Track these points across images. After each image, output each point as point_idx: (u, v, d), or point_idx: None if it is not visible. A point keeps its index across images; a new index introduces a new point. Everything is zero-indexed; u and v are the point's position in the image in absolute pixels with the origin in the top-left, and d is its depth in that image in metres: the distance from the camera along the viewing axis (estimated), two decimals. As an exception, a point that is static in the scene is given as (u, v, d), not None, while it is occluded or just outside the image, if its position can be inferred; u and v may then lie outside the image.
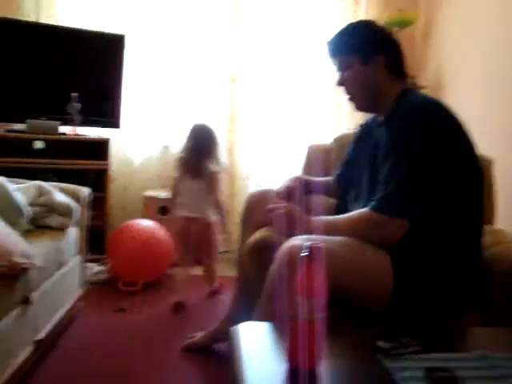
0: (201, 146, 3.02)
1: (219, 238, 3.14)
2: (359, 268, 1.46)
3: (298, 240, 1.47)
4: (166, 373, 2.17)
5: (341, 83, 1.73)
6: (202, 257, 3.10)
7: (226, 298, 2.64)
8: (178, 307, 2.89)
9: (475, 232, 1.60)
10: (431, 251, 1.52)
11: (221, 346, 2.31)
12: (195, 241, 3.00)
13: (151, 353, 2.34)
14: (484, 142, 1.70)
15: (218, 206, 3.06)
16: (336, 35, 1.72)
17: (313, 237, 1.48)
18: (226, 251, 3.78)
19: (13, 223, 2.02)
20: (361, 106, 1.76)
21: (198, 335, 2.33)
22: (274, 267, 1.47)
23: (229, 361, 1.17)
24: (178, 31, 3.89)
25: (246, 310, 2.03)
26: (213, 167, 3.00)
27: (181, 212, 3.03)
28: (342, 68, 1.70)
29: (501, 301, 1.58)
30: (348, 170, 1.93)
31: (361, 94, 1.70)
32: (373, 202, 1.53)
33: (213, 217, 3.05)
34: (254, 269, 1.78)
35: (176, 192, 3.10)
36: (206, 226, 3.02)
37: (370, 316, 1.43)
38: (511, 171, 2.65)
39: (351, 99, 1.74)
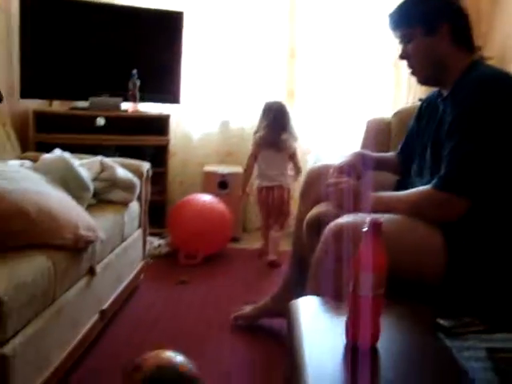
0: (278, 121, 3.33)
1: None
2: (411, 244, 1.44)
3: (344, 218, 1.47)
4: (222, 346, 2.21)
5: (404, 56, 1.68)
6: (281, 220, 3.43)
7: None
8: (273, 264, 3.22)
9: None
10: (489, 229, 1.48)
11: (267, 322, 2.33)
12: (276, 207, 3.38)
13: (209, 325, 2.38)
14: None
15: (300, 173, 3.42)
16: (398, 6, 1.67)
17: (362, 215, 1.46)
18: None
19: (78, 197, 2.09)
20: (425, 79, 1.71)
21: (247, 308, 2.36)
22: (320, 245, 1.48)
23: (283, 336, 1.18)
24: (236, 7, 3.86)
25: (300, 284, 2.06)
26: (290, 140, 3.36)
27: (262, 182, 3.41)
28: (405, 40, 1.65)
29: None
30: (411, 144, 1.89)
31: (425, 66, 1.65)
32: (436, 180, 1.50)
33: (290, 184, 3.44)
34: (311, 244, 1.77)
35: (252, 165, 3.45)
36: (287, 193, 3.40)
37: (427, 290, 1.40)
38: None
39: (414, 72, 1.69)
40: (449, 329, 1.10)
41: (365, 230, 1.01)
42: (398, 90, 3.94)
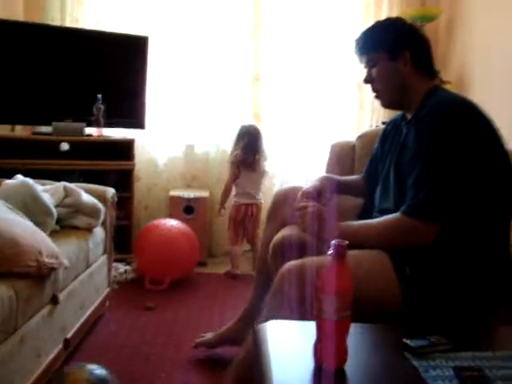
0: (254, 143, 3.56)
1: None
2: (363, 277, 1.43)
3: (297, 262, 1.49)
4: (191, 371, 2.18)
5: (368, 80, 1.73)
6: (254, 236, 3.63)
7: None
8: (234, 276, 3.52)
9: (503, 228, 1.57)
10: (457, 247, 1.50)
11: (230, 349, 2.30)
12: (252, 223, 3.59)
13: (177, 351, 2.35)
14: (509, 137, 1.68)
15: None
16: (364, 32, 1.73)
17: (312, 259, 1.47)
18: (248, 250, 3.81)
19: (41, 223, 2.06)
20: (388, 103, 1.76)
21: (209, 334, 2.33)
22: (276, 282, 1.49)
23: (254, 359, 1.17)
24: (201, 32, 3.91)
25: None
26: (263, 160, 3.61)
27: (241, 200, 3.60)
28: (370, 65, 1.71)
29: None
30: (375, 167, 1.92)
31: (388, 89, 1.70)
32: (404, 207, 1.51)
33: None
34: (277, 267, 1.78)
35: (231, 184, 3.63)
36: (259, 210, 3.61)
37: (389, 317, 1.41)
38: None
39: (378, 96, 1.74)
40: (415, 349, 1.10)
41: (329, 252, 1.01)
42: (361, 113, 4.02)
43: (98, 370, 1.78)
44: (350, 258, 1.42)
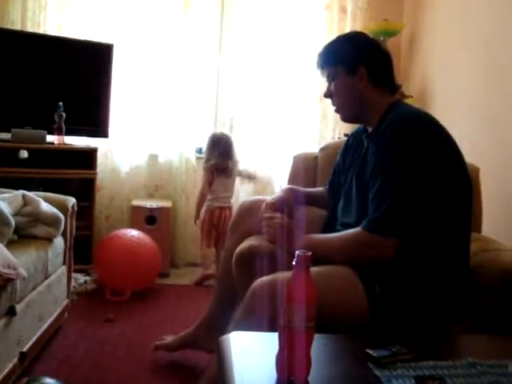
0: (228, 150, 3.67)
1: None
2: (330, 292, 1.43)
3: (267, 278, 1.48)
4: (153, 383, 2.15)
5: (328, 94, 1.75)
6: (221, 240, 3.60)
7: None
8: (204, 280, 3.59)
9: (463, 241, 1.60)
10: (418, 262, 1.52)
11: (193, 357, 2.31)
12: (224, 225, 3.60)
13: (138, 363, 2.31)
14: (469, 151, 1.72)
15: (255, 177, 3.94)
16: (325, 46, 1.75)
17: (284, 274, 1.46)
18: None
19: (-3, 233, 2.00)
20: (347, 117, 1.78)
21: (169, 338, 2.31)
22: (245, 300, 1.48)
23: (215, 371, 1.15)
24: (166, 40, 3.90)
25: (225, 316, 2.03)
26: (235, 166, 3.74)
27: (214, 204, 3.66)
28: (330, 79, 1.72)
29: (488, 308, 1.58)
30: (337, 180, 1.94)
31: (346, 104, 1.72)
32: (364, 222, 1.53)
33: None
34: (240, 277, 1.77)
35: (207, 191, 3.69)
36: (231, 214, 3.60)
37: (354, 328, 1.42)
38: (497, 179, 2.68)
39: (338, 110, 1.76)
40: (378, 359, 1.11)
41: (294, 263, 1.01)
42: (323, 125, 4.06)
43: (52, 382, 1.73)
44: (319, 274, 1.44)
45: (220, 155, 3.64)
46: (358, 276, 1.50)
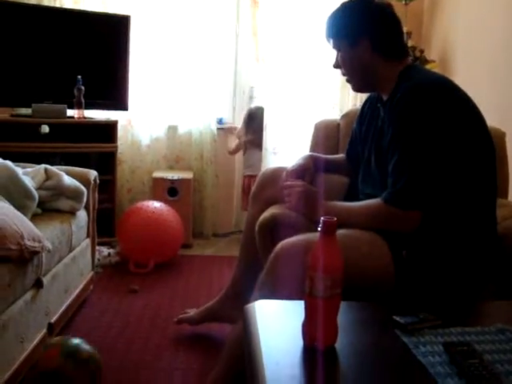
0: (261, 126, 3.83)
1: None
2: (357, 258, 1.42)
3: (290, 240, 1.47)
4: (177, 352, 2.18)
5: (336, 65, 1.71)
6: None
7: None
8: None
9: (489, 207, 1.57)
10: (444, 230, 1.50)
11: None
12: None
13: (162, 333, 2.34)
14: (494, 115, 1.67)
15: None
16: (328, 18, 1.69)
17: (306, 235, 1.46)
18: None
19: (22, 207, 2.02)
20: (357, 87, 1.74)
21: (192, 311, 2.32)
22: (271, 260, 1.47)
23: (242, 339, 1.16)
24: (184, 11, 3.85)
25: (249, 286, 2.05)
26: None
27: (247, 172, 3.84)
28: (336, 49, 1.68)
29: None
30: (355, 148, 1.91)
31: (354, 75, 1.68)
32: (385, 194, 1.50)
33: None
34: (264, 246, 1.76)
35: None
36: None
37: (380, 296, 1.41)
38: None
39: (348, 80, 1.72)
40: (405, 325, 1.10)
41: (319, 229, 1.00)
42: (344, 92, 4.00)
43: (73, 340, 1.76)
44: (345, 237, 1.43)
45: (256, 131, 3.82)
46: (385, 241, 1.48)
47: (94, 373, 1.70)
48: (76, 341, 1.74)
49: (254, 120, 3.83)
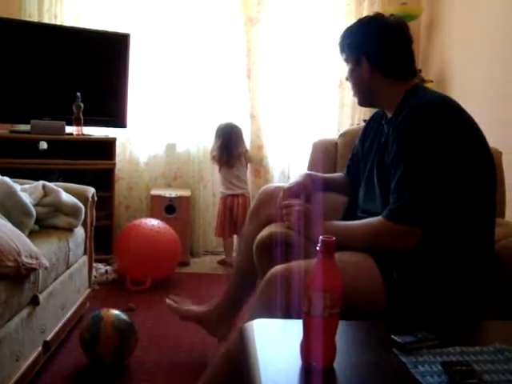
0: (226, 143, 3.67)
1: None
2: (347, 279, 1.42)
3: (282, 266, 1.47)
4: (174, 371, 2.16)
5: (347, 78, 1.74)
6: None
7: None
8: (224, 264, 3.72)
9: (488, 227, 1.57)
10: (441, 248, 1.50)
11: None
12: (237, 213, 3.68)
13: (160, 352, 2.32)
14: (491, 135, 1.68)
15: (251, 160, 3.97)
16: (344, 31, 1.72)
17: (299, 262, 1.46)
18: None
19: (19, 223, 2.01)
20: (361, 102, 1.77)
21: (183, 303, 2.32)
22: (261, 287, 1.47)
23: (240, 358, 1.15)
24: (183, 29, 3.88)
25: (238, 307, 2.11)
26: (243, 151, 3.77)
27: (226, 191, 3.72)
28: (346, 64, 1.71)
29: (512, 294, 1.56)
30: (357, 165, 1.91)
31: (357, 92, 1.71)
32: (387, 211, 1.50)
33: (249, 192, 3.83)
34: (261, 264, 1.76)
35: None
36: (248, 200, 3.74)
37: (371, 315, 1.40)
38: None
39: (354, 94, 1.75)
40: (403, 345, 1.09)
41: (318, 248, 1.00)
42: (342, 111, 4.02)
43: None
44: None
45: (219, 148, 3.68)
46: (375, 262, 1.48)
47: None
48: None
49: (220, 137, 3.70)
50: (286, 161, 4.05)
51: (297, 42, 3.99)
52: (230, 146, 3.68)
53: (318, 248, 1.00)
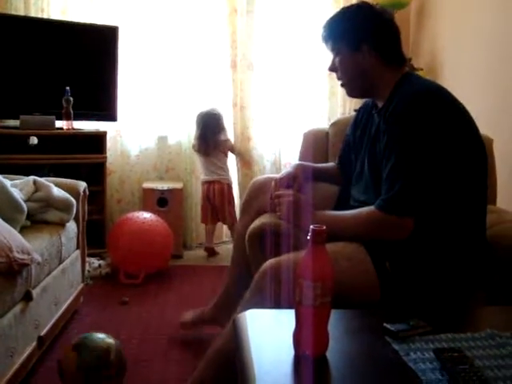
0: (204, 133, 3.69)
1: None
2: (341, 270, 1.40)
3: (277, 258, 1.47)
4: (170, 363, 2.16)
5: (332, 68, 1.71)
6: (224, 215, 3.77)
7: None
8: (210, 252, 3.79)
9: (480, 214, 1.58)
10: (433, 237, 1.51)
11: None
12: (215, 199, 3.73)
13: (155, 344, 2.33)
14: (482, 122, 1.68)
15: (233, 150, 3.93)
16: (327, 21, 1.69)
17: (290, 255, 1.46)
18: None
19: (10, 219, 2.00)
20: (354, 93, 1.74)
21: (188, 314, 2.33)
22: (256, 279, 1.47)
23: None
24: (172, 21, 3.85)
25: (241, 296, 2.03)
26: (221, 140, 3.77)
27: (204, 178, 3.79)
28: (334, 53, 1.68)
29: (503, 279, 1.57)
30: (348, 155, 1.91)
31: (352, 81, 1.68)
32: (379, 201, 1.51)
33: (230, 179, 3.86)
34: (254, 255, 1.76)
35: None
36: (225, 187, 3.77)
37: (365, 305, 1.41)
38: (510, 150, 2.64)
39: (343, 85, 1.72)
40: (396, 333, 1.10)
41: (308, 237, 1.00)
42: (333, 101, 4.01)
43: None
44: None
45: (198, 137, 3.72)
46: (368, 253, 1.49)
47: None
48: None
49: (199, 126, 3.72)
50: (277, 151, 4.04)
51: (286, 32, 3.96)
52: (206, 135, 3.70)
53: (308, 237, 1.00)
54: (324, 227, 1.00)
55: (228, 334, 1.46)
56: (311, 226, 1.00)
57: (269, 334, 1.15)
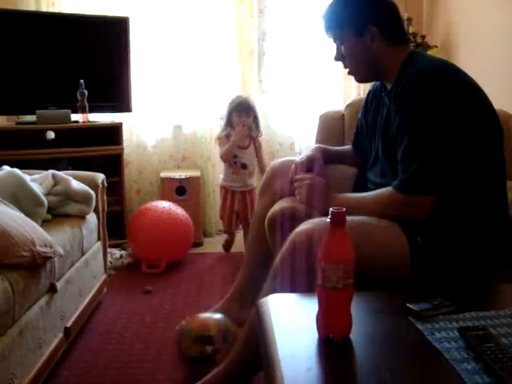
0: (229, 121, 3.37)
1: None
2: (373, 247, 1.42)
3: (307, 225, 1.45)
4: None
5: (338, 58, 1.69)
6: (247, 222, 3.41)
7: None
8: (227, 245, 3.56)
9: (499, 189, 1.57)
10: (455, 215, 1.50)
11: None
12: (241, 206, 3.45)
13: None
14: (499, 98, 1.66)
15: (263, 169, 3.40)
16: (327, 9, 1.67)
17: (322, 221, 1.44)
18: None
19: (31, 213, 2.03)
20: (363, 78, 1.74)
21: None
22: (287, 247, 1.46)
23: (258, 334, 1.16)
24: (184, 9, 3.83)
25: (256, 287, 2.03)
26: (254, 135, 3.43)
27: (228, 184, 3.47)
28: (338, 42, 1.67)
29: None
30: (361, 138, 1.90)
31: (361, 66, 1.67)
32: (396, 182, 1.50)
33: (255, 184, 3.48)
34: (274, 239, 1.76)
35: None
36: (250, 193, 3.47)
37: (394, 283, 1.41)
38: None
39: (351, 72, 1.71)
40: (419, 312, 1.10)
41: (328, 220, 1.00)
42: (347, 83, 3.98)
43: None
44: (363, 224, 1.43)
45: (226, 124, 3.42)
46: (402, 230, 1.48)
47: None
48: None
49: (245, 110, 3.32)
50: (294, 134, 4.04)
51: (301, 16, 3.94)
52: (257, 122, 3.42)
53: (328, 220, 1.00)
54: (344, 209, 0.99)
55: (253, 319, 1.47)
56: (331, 209, 0.99)
57: (292, 318, 1.15)
